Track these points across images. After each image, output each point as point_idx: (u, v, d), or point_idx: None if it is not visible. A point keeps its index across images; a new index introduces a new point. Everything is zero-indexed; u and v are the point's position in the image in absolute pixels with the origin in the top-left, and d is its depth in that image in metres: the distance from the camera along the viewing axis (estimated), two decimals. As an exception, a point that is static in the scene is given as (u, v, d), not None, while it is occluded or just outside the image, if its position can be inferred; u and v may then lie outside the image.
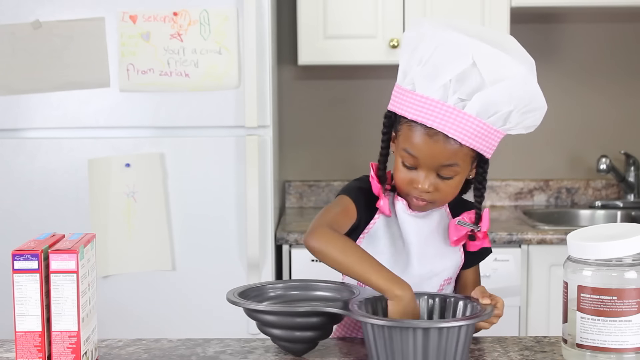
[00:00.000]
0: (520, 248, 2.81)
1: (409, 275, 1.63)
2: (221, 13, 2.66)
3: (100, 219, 2.69)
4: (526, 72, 1.50)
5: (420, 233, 1.65)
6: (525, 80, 1.49)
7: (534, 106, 1.53)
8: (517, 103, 1.50)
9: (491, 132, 1.53)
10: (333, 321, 1.51)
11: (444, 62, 1.48)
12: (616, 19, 3.41)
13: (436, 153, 1.53)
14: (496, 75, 1.47)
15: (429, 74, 1.50)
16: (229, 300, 1.51)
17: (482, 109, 1.49)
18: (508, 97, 1.49)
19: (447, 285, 1.70)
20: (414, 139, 1.54)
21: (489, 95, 1.48)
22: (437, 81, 1.49)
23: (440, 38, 1.50)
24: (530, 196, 3.43)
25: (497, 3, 3.02)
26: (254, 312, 1.49)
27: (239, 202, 2.71)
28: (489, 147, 1.56)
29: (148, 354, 1.55)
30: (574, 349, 1.44)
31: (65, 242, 1.44)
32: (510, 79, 1.48)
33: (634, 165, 3.33)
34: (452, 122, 1.50)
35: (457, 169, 1.56)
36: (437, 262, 1.66)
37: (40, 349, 1.39)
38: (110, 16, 2.67)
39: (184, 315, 2.73)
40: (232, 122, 2.70)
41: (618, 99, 3.43)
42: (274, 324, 1.48)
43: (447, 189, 1.58)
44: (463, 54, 1.47)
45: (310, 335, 1.49)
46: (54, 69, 2.68)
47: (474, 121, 1.50)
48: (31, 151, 2.72)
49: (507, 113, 1.51)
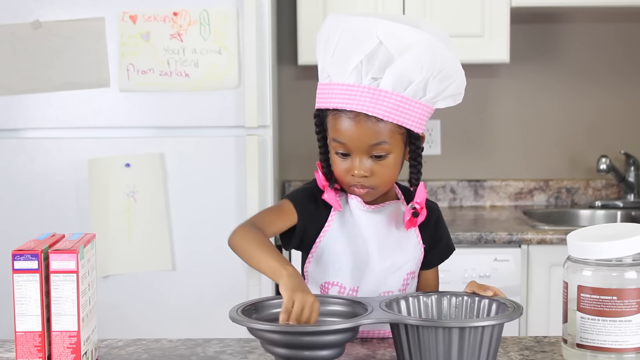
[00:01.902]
0: (520, 248, 2.81)
1: (371, 271, 1.63)
2: (221, 13, 2.67)
3: (100, 219, 2.69)
4: (430, 37, 1.52)
5: (378, 227, 1.65)
6: (430, 44, 1.51)
7: (448, 72, 1.54)
8: (429, 69, 1.52)
9: (412, 104, 1.54)
10: (346, 339, 1.41)
11: (351, 45, 1.53)
12: (616, 19, 3.41)
13: (361, 135, 1.55)
14: (401, 45, 1.50)
15: (339, 61, 1.54)
16: (231, 319, 1.41)
17: (396, 83, 1.52)
18: (417, 64, 1.51)
19: (412, 279, 1.69)
20: (339, 126, 1.57)
21: (398, 67, 1.51)
22: (348, 66, 1.53)
23: (343, 24, 1.54)
24: (530, 196, 3.43)
25: (497, 3, 3.02)
26: (258, 331, 1.38)
27: (239, 202, 2.71)
28: (414, 121, 1.56)
29: (148, 354, 1.55)
30: (574, 349, 1.44)
31: (65, 242, 1.44)
32: (416, 46, 1.50)
33: (634, 165, 3.32)
34: (369, 101, 1.53)
35: (386, 147, 1.57)
36: (398, 255, 1.66)
37: (40, 349, 1.39)
38: (110, 16, 2.67)
39: (184, 315, 2.73)
40: (232, 122, 2.70)
41: (618, 99, 3.43)
42: (278, 343, 1.37)
43: (383, 171, 1.59)
44: (367, 33, 1.51)
45: (321, 354, 1.38)
46: (54, 69, 2.68)
47: (391, 96, 1.53)
48: (31, 151, 2.71)
49: (423, 82, 1.53)
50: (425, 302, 1.53)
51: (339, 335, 1.37)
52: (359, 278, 1.64)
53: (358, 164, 1.58)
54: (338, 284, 1.64)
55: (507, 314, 1.40)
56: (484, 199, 3.42)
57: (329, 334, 1.36)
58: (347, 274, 1.64)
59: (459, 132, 3.41)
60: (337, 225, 1.65)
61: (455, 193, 3.42)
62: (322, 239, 1.65)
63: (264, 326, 1.37)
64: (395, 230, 1.67)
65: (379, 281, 1.63)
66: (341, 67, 1.54)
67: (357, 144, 1.56)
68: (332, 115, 1.59)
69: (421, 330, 1.35)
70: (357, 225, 1.65)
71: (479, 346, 1.36)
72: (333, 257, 1.64)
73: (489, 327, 1.36)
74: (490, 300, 1.49)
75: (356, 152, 1.57)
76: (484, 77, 3.42)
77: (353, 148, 1.57)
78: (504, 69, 3.40)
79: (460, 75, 1.58)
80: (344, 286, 1.64)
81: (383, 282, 1.64)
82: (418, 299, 1.53)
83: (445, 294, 1.54)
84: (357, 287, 1.64)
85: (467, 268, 2.78)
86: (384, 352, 1.55)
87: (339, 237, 1.65)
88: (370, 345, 1.59)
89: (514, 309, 1.41)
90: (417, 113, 1.56)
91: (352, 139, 1.56)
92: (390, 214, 1.67)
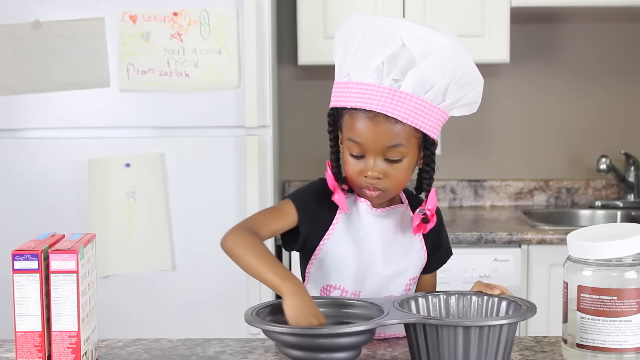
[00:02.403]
0: (520, 248, 2.81)
1: (375, 275, 1.62)
2: (221, 13, 2.67)
3: (100, 219, 2.69)
4: (454, 42, 1.52)
5: (384, 232, 1.64)
6: (453, 50, 1.51)
7: (468, 79, 1.54)
8: (451, 75, 1.51)
9: (430, 109, 1.53)
10: (362, 342, 1.40)
11: (373, 46, 1.51)
12: (616, 19, 3.41)
13: (379, 135, 1.53)
14: (425, 49, 1.49)
15: (360, 60, 1.52)
16: (247, 321, 1.40)
17: (417, 86, 1.51)
18: (440, 68, 1.50)
19: (413, 285, 1.68)
20: (356, 125, 1.55)
21: (421, 70, 1.50)
22: (369, 66, 1.51)
23: (367, 24, 1.53)
24: (530, 196, 3.43)
25: (497, 3, 3.02)
26: (274, 334, 1.38)
27: (239, 202, 2.71)
28: (431, 126, 1.55)
29: (148, 354, 1.55)
30: (574, 349, 1.44)
31: (65, 242, 1.44)
32: (439, 50, 1.50)
33: (634, 165, 3.32)
34: (390, 102, 1.51)
35: (402, 150, 1.55)
36: (402, 262, 1.64)
37: (40, 349, 1.39)
38: (110, 16, 2.67)
39: (184, 315, 2.72)
40: (232, 122, 2.70)
41: (618, 99, 3.43)
42: (294, 346, 1.37)
43: (397, 174, 1.57)
44: (391, 35, 1.50)
45: (337, 357, 1.37)
46: (54, 69, 2.68)
47: (412, 98, 1.51)
48: (31, 151, 2.72)
49: (444, 87, 1.52)
50: (434, 302, 1.53)
51: (356, 337, 1.37)
52: (361, 282, 1.63)
53: (372, 165, 1.55)
54: (340, 287, 1.63)
55: (522, 311, 1.41)
56: (484, 199, 3.42)
57: (346, 337, 1.36)
58: (350, 278, 1.62)
59: (459, 132, 3.41)
60: (342, 228, 1.63)
61: (455, 193, 3.42)
62: (326, 242, 1.62)
63: (280, 328, 1.36)
64: (400, 236, 1.65)
65: (381, 286, 1.62)
66: (362, 67, 1.52)
67: (374, 145, 1.54)
68: (349, 115, 1.56)
69: (439, 330, 1.35)
70: (363, 229, 1.63)
71: (497, 345, 1.36)
72: (336, 260, 1.62)
73: (506, 326, 1.36)
74: (499, 299, 1.50)
75: (371, 153, 1.55)
76: (484, 77, 3.37)
77: (369, 149, 1.55)
78: (504, 69, 3.40)
79: (480, 83, 1.57)
80: (345, 290, 1.63)
81: (385, 287, 1.63)
82: (426, 299, 1.53)
83: (453, 294, 1.54)
84: (359, 291, 1.63)
85: (467, 268, 2.78)
86: (384, 352, 1.55)
87: (343, 240, 1.62)
88: (370, 345, 1.59)
89: (528, 307, 1.42)
90: (435, 118, 1.54)
91: (368, 139, 1.54)
92: (397, 219, 1.66)
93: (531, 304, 1.44)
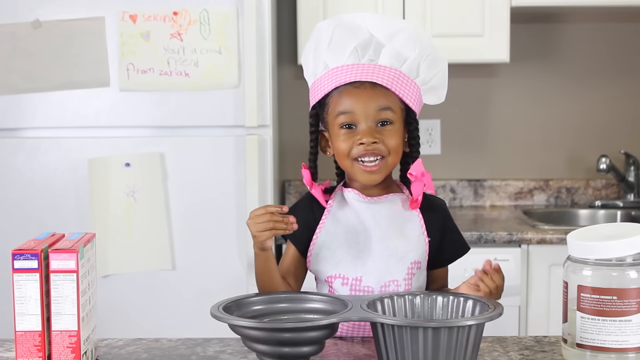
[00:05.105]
0: (520, 248, 2.81)
1: (373, 258, 1.64)
2: (221, 12, 2.67)
3: (100, 218, 2.69)
4: (415, 24, 1.71)
5: (377, 216, 1.66)
6: (416, 29, 1.66)
7: (435, 56, 1.65)
8: (421, 49, 1.63)
9: (408, 81, 1.63)
10: (324, 336, 1.42)
11: (346, 36, 1.64)
12: (616, 19, 3.41)
13: (368, 99, 1.61)
14: (390, 31, 1.64)
15: (336, 48, 1.64)
16: (213, 316, 1.41)
17: (393, 59, 1.63)
18: (410, 42, 1.63)
19: (418, 270, 1.68)
20: (344, 98, 1.63)
21: (393, 46, 1.63)
22: (345, 51, 1.63)
23: (336, 22, 1.66)
24: (530, 196, 3.43)
25: (497, 3, 3.02)
26: (239, 328, 1.39)
27: (239, 202, 2.71)
28: (411, 98, 1.64)
29: (148, 353, 1.55)
30: (574, 348, 1.44)
31: (65, 241, 1.44)
32: (404, 30, 1.64)
33: (634, 165, 3.32)
34: (372, 72, 1.62)
35: (391, 114, 1.62)
36: (400, 242, 1.66)
37: (40, 348, 1.39)
38: (110, 16, 2.67)
39: (184, 315, 2.73)
40: (232, 121, 2.70)
41: (618, 99, 3.43)
42: (259, 340, 1.39)
43: (390, 140, 1.62)
44: (358, 27, 1.64)
45: (302, 351, 1.40)
46: (54, 68, 2.68)
47: (390, 69, 1.62)
48: (31, 151, 2.71)
49: (416, 61, 1.63)
50: (412, 301, 1.52)
51: (318, 332, 1.39)
52: (361, 267, 1.65)
53: (365, 128, 1.61)
54: (340, 276, 1.65)
55: (485, 315, 1.39)
56: (483, 199, 3.42)
57: (308, 331, 1.38)
58: (348, 265, 1.65)
59: (459, 132, 3.41)
60: (332, 221, 1.68)
61: (455, 193, 3.42)
62: (318, 236, 1.68)
63: (245, 323, 1.38)
64: (396, 219, 1.67)
65: (382, 268, 1.63)
66: (339, 53, 1.63)
67: (364, 110, 1.61)
68: (336, 95, 1.64)
69: (396, 330, 1.36)
70: (355, 216, 1.67)
71: (455, 346, 1.35)
72: (330, 251, 1.66)
73: (465, 328, 1.35)
74: (464, 299, 1.49)
75: (362, 119, 1.62)
76: (484, 76, 3.42)
77: (359, 115, 1.62)
78: (504, 68, 3.40)
79: (445, 65, 1.67)
80: (346, 277, 1.65)
81: (387, 269, 1.64)
82: (404, 298, 1.52)
83: (432, 294, 1.53)
84: (360, 276, 1.64)
85: (467, 268, 2.76)
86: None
87: (334, 232, 1.67)
88: (370, 345, 1.59)
89: (494, 309, 1.41)
90: (413, 91, 1.64)
91: (358, 105, 1.61)
92: (391, 204, 1.68)
93: (498, 305, 1.42)
